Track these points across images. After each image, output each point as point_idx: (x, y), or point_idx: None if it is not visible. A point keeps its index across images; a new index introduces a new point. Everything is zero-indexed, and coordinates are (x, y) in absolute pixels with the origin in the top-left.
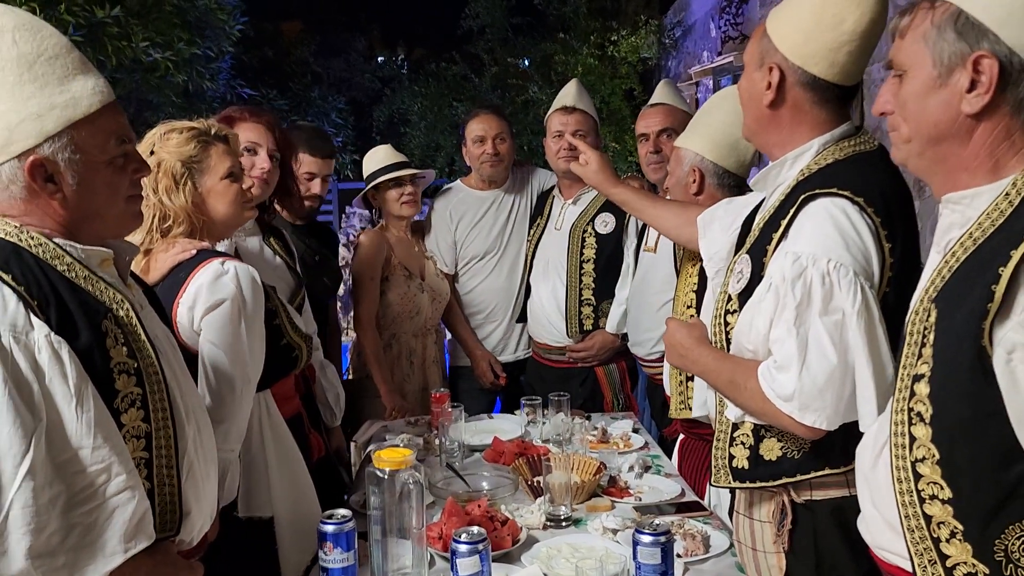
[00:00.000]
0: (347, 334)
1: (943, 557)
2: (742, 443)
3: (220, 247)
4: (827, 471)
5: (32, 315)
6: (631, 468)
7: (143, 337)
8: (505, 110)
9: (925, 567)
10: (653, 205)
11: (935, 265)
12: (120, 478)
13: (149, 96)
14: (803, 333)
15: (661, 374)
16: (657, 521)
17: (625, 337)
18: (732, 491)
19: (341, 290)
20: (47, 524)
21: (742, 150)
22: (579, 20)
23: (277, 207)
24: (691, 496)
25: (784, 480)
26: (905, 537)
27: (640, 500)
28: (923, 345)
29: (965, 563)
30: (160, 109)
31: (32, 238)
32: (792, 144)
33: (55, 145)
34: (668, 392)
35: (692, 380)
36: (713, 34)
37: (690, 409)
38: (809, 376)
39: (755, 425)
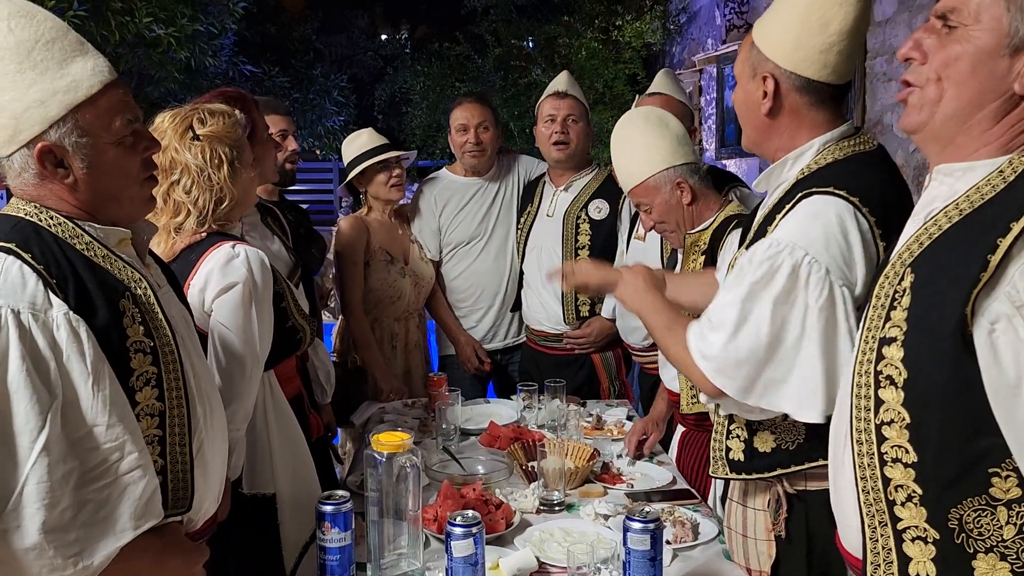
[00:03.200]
0: (326, 316)
1: (895, 519)
2: (737, 436)
3: (234, 231)
4: (821, 462)
5: (51, 293)
6: (620, 456)
7: (160, 316)
8: (507, 92)
9: (875, 528)
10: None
11: (912, 232)
12: (132, 456)
13: (151, 71)
14: (747, 308)
15: (652, 363)
16: (647, 508)
17: None
18: (726, 482)
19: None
20: (60, 499)
21: (687, 142)
22: (584, 3)
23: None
24: (682, 484)
25: (779, 471)
26: (858, 499)
27: (632, 487)
28: (892, 308)
29: (917, 527)
30: (161, 84)
31: (52, 218)
32: (793, 147)
33: (61, 130)
34: (676, 389)
35: None
36: (718, 22)
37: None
38: (735, 347)
39: (748, 419)
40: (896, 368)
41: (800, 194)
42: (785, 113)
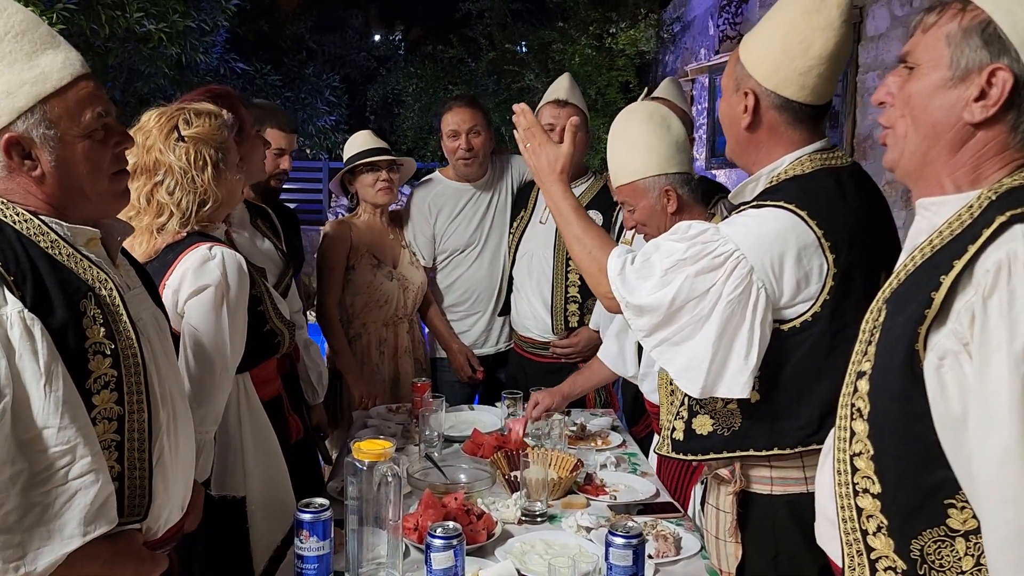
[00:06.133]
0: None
1: (869, 549)
2: (681, 417)
3: (216, 232)
4: (751, 452)
5: (6, 290)
6: (604, 466)
7: (125, 319)
8: (500, 96)
9: (853, 557)
10: (580, 223)
11: (896, 268)
12: (84, 460)
13: (141, 67)
14: (668, 277)
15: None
16: (630, 523)
17: None
18: (703, 484)
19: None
20: (5, 501)
21: (685, 149)
22: (579, 9)
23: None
24: (665, 496)
25: (712, 455)
26: (839, 527)
27: (615, 499)
28: (870, 343)
29: (887, 557)
30: (151, 80)
31: (17, 214)
32: (769, 161)
33: (28, 121)
34: (655, 401)
35: None
36: (711, 32)
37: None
38: (643, 288)
39: (690, 401)
40: (863, 400)
41: (754, 203)
42: (764, 129)
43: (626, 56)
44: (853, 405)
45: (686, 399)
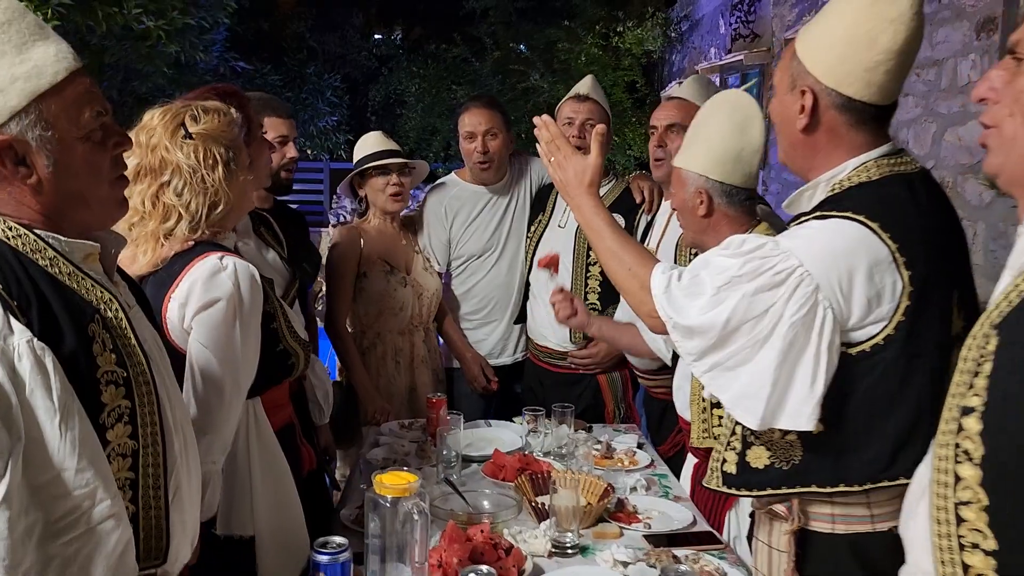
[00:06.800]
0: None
1: None
2: (733, 448)
3: (227, 241)
4: (814, 488)
5: (12, 317)
6: (634, 489)
7: (133, 342)
8: (505, 96)
9: None
10: (616, 238)
11: (1001, 289)
12: (104, 504)
13: (139, 65)
14: (720, 295)
15: (660, 388)
16: (682, 568)
17: None
18: (752, 517)
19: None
20: (23, 559)
21: (746, 160)
22: (585, 8)
23: None
24: (703, 525)
25: (769, 491)
26: None
27: (649, 527)
28: (976, 375)
29: None
30: (149, 79)
31: (11, 228)
32: (828, 167)
33: (23, 122)
34: (688, 417)
35: (718, 407)
36: (722, 31)
37: (715, 439)
38: (693, 307)
39: (744, 430)
40: (973, 442)
41: (817, 213)
42: (822, 131)
43: (632, 55)
44: (958, 446)
45: (738, 427)
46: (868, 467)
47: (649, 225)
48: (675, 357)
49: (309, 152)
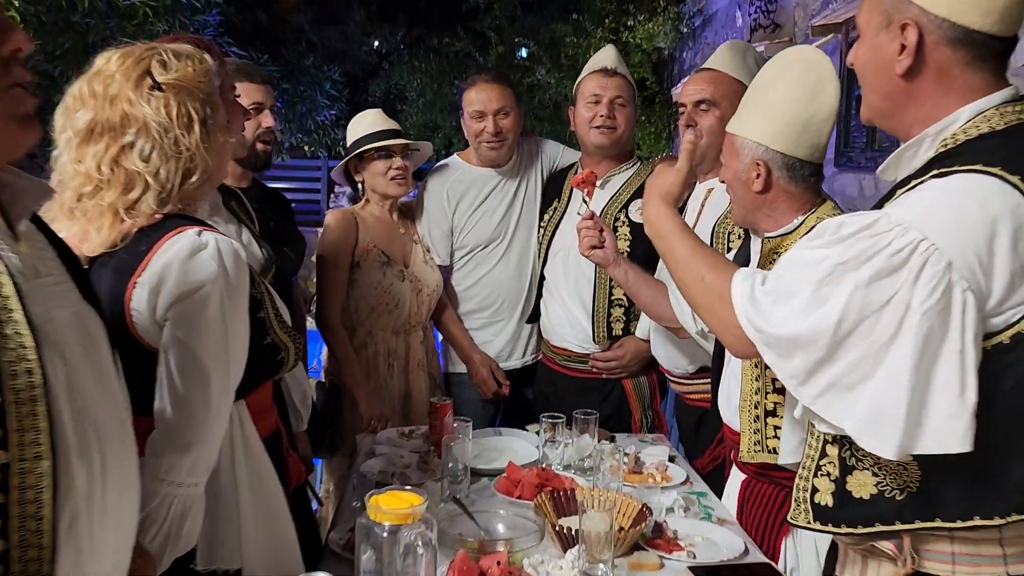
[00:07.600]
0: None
1: None
2: (827, 474)
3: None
4: (938, 523)
5: None
6: (671, 510)
7: (16, 318)
8: None
9: None
10: (686, 245)
11: None
12: None
13: (124, 46)
14: (825, 293)
15: (696, 394)
16: None
17: None
18: (833, 548)
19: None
20: None
21: (815, 131)
22: (594, 1)
23: None
24: (757, 554)
25: (879, 527)
26: None
27: (694, 556)
28: None
29: None
30: None
31: None
32: (935, 118)
33: None
34: (736, 427)
35: (772, 416)
36: (739, 23)
37: (770, 452)
38: (785, 313)
39: (843, 451)
40: None
41: (935, 171)
42: (928, 74)
43: (643, 51)
44: None
45: (830, 447)
46: (1013, 495)
47: (680, 212)
48: (717, 354)
49: (307, 149)
